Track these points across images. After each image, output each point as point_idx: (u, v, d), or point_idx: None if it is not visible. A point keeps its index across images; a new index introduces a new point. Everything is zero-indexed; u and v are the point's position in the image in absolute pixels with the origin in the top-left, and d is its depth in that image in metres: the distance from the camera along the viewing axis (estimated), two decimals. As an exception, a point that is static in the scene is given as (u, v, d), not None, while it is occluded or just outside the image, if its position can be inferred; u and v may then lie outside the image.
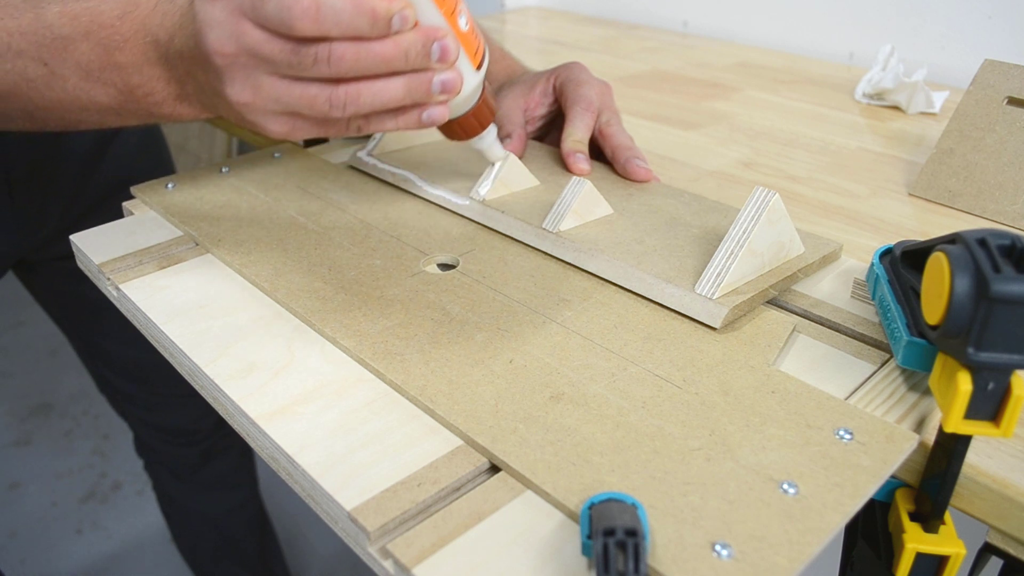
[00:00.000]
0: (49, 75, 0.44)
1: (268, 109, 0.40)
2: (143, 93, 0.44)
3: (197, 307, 0.45)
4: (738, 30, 1.13)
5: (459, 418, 0.35)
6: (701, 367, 0.39)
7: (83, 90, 0.44)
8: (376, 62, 0.38)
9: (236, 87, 0.39)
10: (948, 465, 0.32)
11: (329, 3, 0.36)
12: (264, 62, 0.38)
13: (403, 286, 0.45)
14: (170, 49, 0.42)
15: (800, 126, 0.77)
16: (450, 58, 0.39)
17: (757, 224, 0.42)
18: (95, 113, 0.46)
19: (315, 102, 0.39)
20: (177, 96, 0.44)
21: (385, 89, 0.39)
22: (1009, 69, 0.58)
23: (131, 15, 0.43)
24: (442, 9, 0.40)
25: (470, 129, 0.48)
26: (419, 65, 0.39)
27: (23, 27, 0.43)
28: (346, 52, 0.37)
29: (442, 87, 0.40)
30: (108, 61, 0.43)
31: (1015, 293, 0.28)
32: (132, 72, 0.43)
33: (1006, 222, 0.56)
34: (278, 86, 0.39)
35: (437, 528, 0.30)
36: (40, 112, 0.46)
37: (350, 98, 0.39)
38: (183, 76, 0.42)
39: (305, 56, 0.37)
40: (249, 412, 0.37)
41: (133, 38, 0.42)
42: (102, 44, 0.43)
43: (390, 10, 0.37)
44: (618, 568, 0.26)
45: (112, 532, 1.43)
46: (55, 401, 1.75)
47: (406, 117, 0.41)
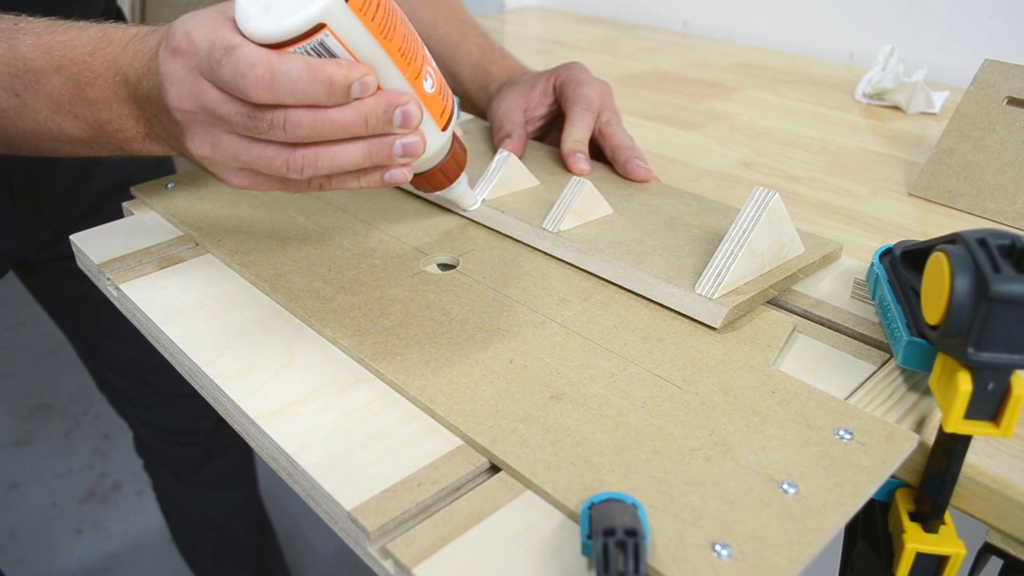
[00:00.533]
0: (21, 106, 0.44)
1: (227, 164, 0.40)
2: (113, 129, 0.44)
3: (197, 307, 0.45)
4: (738, 30, 1.13)
5: (459, 418, 0.35)
6: (701, 367, 0.39)
7: (54, 122, 0.44)
8: (334, 129, 0.37)
9: (196, 142, 0.39)
10: (948, 465, 0.32)
11: (284, 71, 0.35)
12: (222, 121, 0.38)
13: (403, 286, 0.45)
14: (139, 90, 0.41)
15: (800, 126, 0.77)
16: (413, 123, 0.39)
17: (757, 224, 0.42)
18: (67, 144, 0.46)
19: (272, 163, 0.38)
20: (146, 135, 0.44)
21: (344, 153, 0.38)
22: (1009, 69, 0.58)
23: (103, 51, 0.42)
24: (406, 73, 0.39)
25: (436, 183, 0.47)
26: (380, 131, 0.38)
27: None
28: (302, 119, 0.36)
29: (404, 151, 0.39)
30: (79, 96, 0.43)
31: (1015, 293, 0.28)
32: (102, 108, 0.43)
33: (1006, 222, 0.56)
34: (236, 144, 0.38)
35: (437, 528, 0.30)
36: (13, 139, 0.46)
37: (307, 162, 0.38)
38: (151, 117, 0.42)
39: (261, 120, 0.36)
40: (249, 412, 0.37)
41: (104, 75, 0.42)
42: (73, 79, 0.42)
43: (348, 78, 0.36)
44: (618, 568, 0.26)
45: (112, 532, 1.43)
46: (55, 401, 1.75)
47: (368, 177, 0.41)
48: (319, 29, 0.35)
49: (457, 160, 0.47)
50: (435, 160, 0.46)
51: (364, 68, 0.36)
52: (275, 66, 0.35)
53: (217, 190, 0.57)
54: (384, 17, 0.37)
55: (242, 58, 0.35)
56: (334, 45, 0.36)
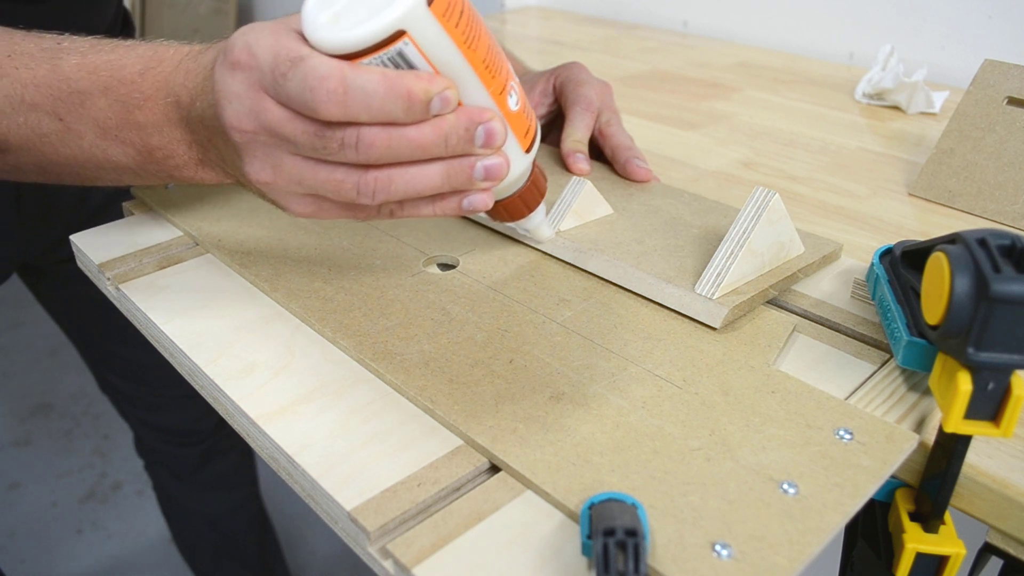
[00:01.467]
0: (64, 131, 0.41)
1: (290, 190, 0.36)
2: (163, 155, 0.41)
3: (197, 307, 0.45)
4: (738, 30, 1.13)
5: (459, 418, 0.35)
6: (701, 367, 0.39)
7: (99, 148, 0.41)
8: (411, 149, 0.34)
9: (256, 165, 0.36)
10: (948, 465, 0.32)
11: (358, 84, 0.32)
12: (286, 142, 0.34)
13: (403, 286, 0.45)
14: (192, 112, 0.38)
15: (800, 126, 0.77)
16: (496, 143, 0.35)
17: (757, 224, 0.42)
18: (112, 172, 0.43)
19: (341, 188, 0.35)
20: (199, 161, 0.41)
21: (421, 176, 0.35)
22: (1009, 69, 0.58)
23: (153, 71, 0.39)
24: (490, 88, 0.35)
25: (515, 212, 0.44)
26: (461, 151, 0.35)
27: (38, 79, 0.40)
28: (377, 138, 0.33)
29: (486, 173, 0.36)
30: (127, 119, 0.40)
31: (1015, 293, 0.28)
32: (152, 132, 0.40)
33: (1006, 222, 0.56)
34: (301, 167, 0.35)
35: (437, 528, 0.30)
36: (54, 168, 0.43)
37: (380, 186, 0.35)
38: (204, 141, 0.39)
39: (330, 140, 0.33)
40: (249, 412, 0.37)
41: (154, 96, 0.39)
42: (121, 101, 0.40)
43: (429, 93, 0.32)
44: (618, 568, 0.26)
45: (112, 532, 1.43)
46: (55, 401, 1.75)
47: (444, 204, 0.37)
48: (398, 37, 0.32)
49: (538, 187, 0.43)
50: (515, 186, 0.42)
51: (445, 81, 0.33)
52: (348, 79, 0.31)
53: (217, 190, 0.57)
54: (468, 24, 0.34)
55: (311, 70, 0.32)
56: (414, 55, 0.33)
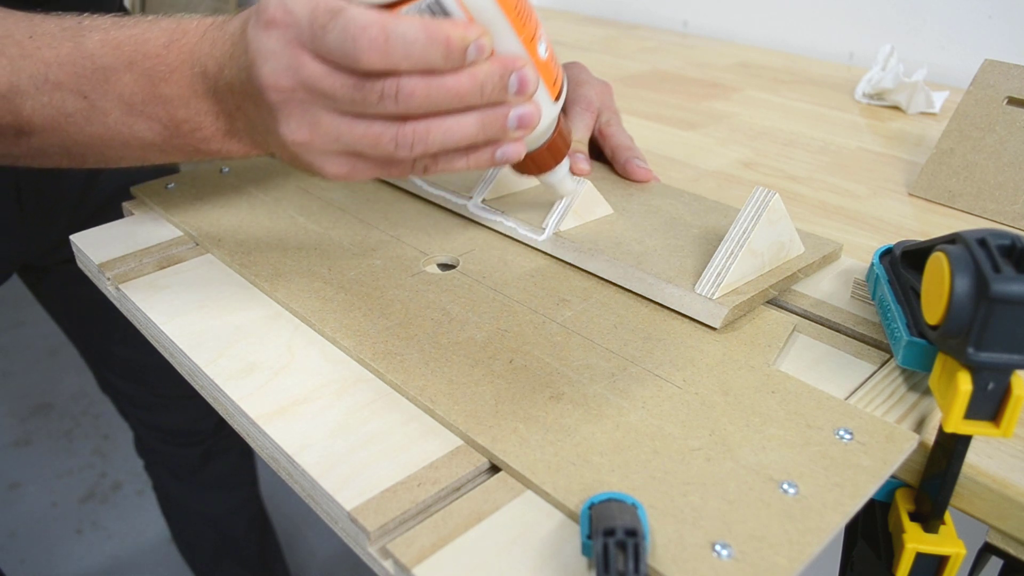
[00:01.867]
0: (89, 108, 0.41)
1: (327, 149, 0.36)
2: (190, 128, 0.40)
3: (197, 307, 0.45)
4: (738, 30, 1.13)
5: (459, 418, 0.35)
6: (701, 367, 0.39)
7: (125, 124, 0.41)
8: (449, 98, 0.34)
9: (292, 125, 0.36)
10: (948, 465, 0.32)
11: (399, 32, 0.32)
12: (323, 98, 0.34)
13: (403, 286, 0.45)
14: (219, 81, 0.38)
15: (800, 126, 0.77)
16: (529, 90, 0.35)
17: (757, 224, 0.42)
18: (137, 149, 0.43)
19: (379, 141, 0.35)
20: (226, 132, 0.41)
21: (457, 126, 0.35)
22: (1009, 69, 0.58)
23: (178, 43, 0.39)
24: (521, 36, 0.36)
25: (543, 164, 0.44)
26: (495, 99, 0.35)
27: (61, 57, 0.40)
28: (416, 88, 0.33)
29: (519, 122, 0.36)
30: (153, 93, 0.40)
31: (1015, 293, 0.28)
32: (178, 105, 0.40)
33: (1006, 222, 0.56)
34: (338, 124, 0.35)
35: (437, 528, 0.30)
36: (78, 148, 0.43)
37: (418, 137, 0.35)
38: (233, 111, 0.39)
39: (370, 92, 0.33)
40: (249, 412, 0.37)
41: (180, 68, 0.39)
42: (146, 75, 0.39)
43: (466, 39, 0.33)
44: (618, 568, 0.26)
45: (112, 532, 1.43)
46: (55, 401, 1.75)
47: (478, 155, 0.37)
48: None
49: (564, 137, 0.44)
50: (544, 137, 0.42)
51: (480, 28, 0.33)
52: (389, 27, 0.32)
53: (217, 190, 0.57)
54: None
55: (351, 20, 0.32)
56: (450, 3, 0.33)
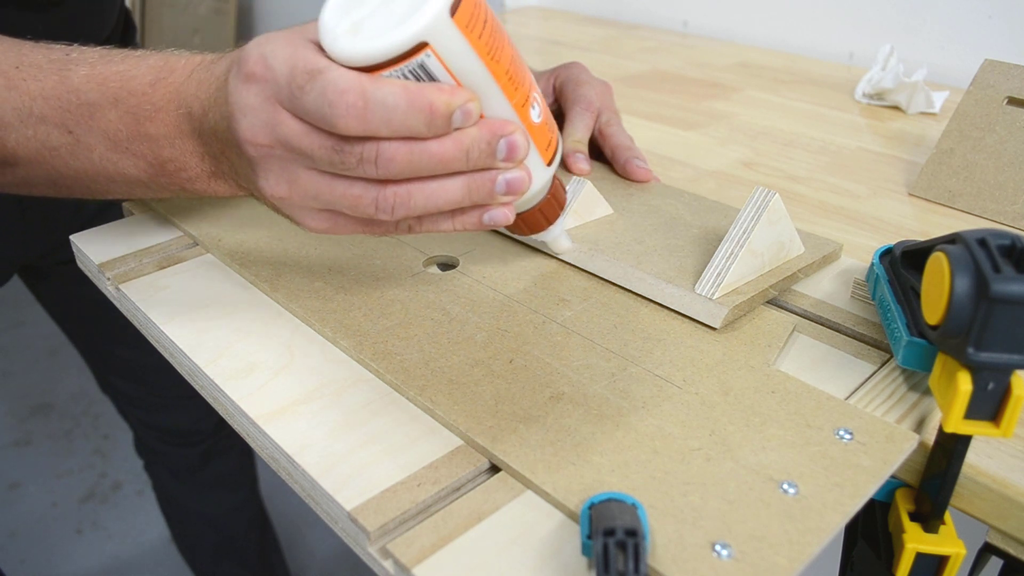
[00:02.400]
0: (74, 143, 0.40)
1: (305, 206, 0.36)
2: (175, 168, 0.40)
3: (197, 307, 0.45)
4: (738, 30, 1.13)
5: (459, 418, 0.35)
6: (701, 367, 0.39)
7: (110, 161, 0.40)
8: (432, 164, 0.33)
9: (271, 180, 0.35)
10: (948, 465, 0.32)
11: (379, 98, 0.31)
12: (302, 156, 0.33)
13: (403, 286, 0.45)
14: (204, 124, 0.37)
15: (800, 126, 0.77)
16: (518, 156, 0.35)
17: (757, 224, 0.42)
18: (123, 184, 0.42)
19: (359, 203, 0.34)
20: (212, 173, 0.40)
21: (441, 191, 0.34)
22: (1009, 69, 0.58)
23: (164, 82, 0.38)
24: (512, 100, 0.34)
25: (535, 225, 0.43)
26: (482, 164, 0.34)
27: (47, 91, 0.39)
28: (397, 153, 0.32)
29: (507, 187, 0.35)
30: (137, 131, 0.39)
31: (1015, 293, 0.28)
32: (163, 144, 0.39)
33: (1006, 222, 0.56)
34: (317, 182, 0.34)
35: (437, 528, 0.30)
36: (64, 181, 0.42)
37: (400, 200, 0.34)
38: (217, 154, 0.38)
39: (348, 155, 0.32)
40: (249, 412, 0.37)
41: (165, 108, 0.38)
42: (132, 113, 0.39)
43: (451, 105, 0.32)
44: (618, 568, 0.26)
45: (112, 532, 1.43)
46: (55, 401, 1.75)
47: (464, 218, 0.36)
48: (420, 49, 0.31)
49: (558, 199, 0.42)
50: (536, 199, 0.41)
51: (467, 93, 0.32)
52: (369, 92, 0.31)
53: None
54: (491, 35, 0.33)
55: (330, 83, 0.31)
56: (435, 67, 0.32)
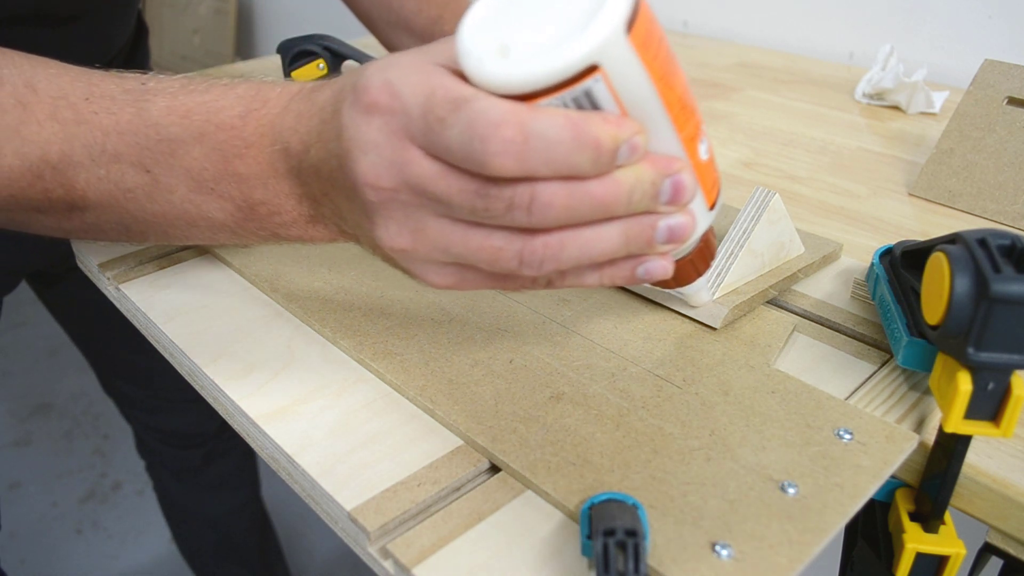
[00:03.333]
0: (152, 184, 0.35)
1: (431, 259, 0.30)
2: (267, 211, 0.35)
3: (197, 307, 0.45)
4: (738, 30, 1.13)
5: (459, 418, 0.35)
6: (701, 367, 0.39)
7: (193, 203, 0.35)
8: (593, 208, 0.28)
9: (391, 229, 0.30)
10: (948, 465, 0.32)
11: (539, 131, 0.26)
12: (433, 202, 0.28)
13: (403, 286, 0.45)
14: (303, 161, 0.32)
15: (800, 126, 0.77)
16: (685, 198, 0.29)
17: (757, 224, 0.42)
18: (205, 230, 0.37)
19: (500, 256, 0.29)
20: (310, 218, 0.35)
21: (597, 240, 0.29)
22: (1009, 69, 0.58)
23: (256, 114, 0.34)
24: (682, 133, 0.29)
25: (682, 278, 0.36)
26: (644, 208, 0.29)
27: (122, 125, 0.35)
28: (555, 197, 0.27)
29: (669, 235, 0.30)
30: (225, 170, 0.34)
31: (1015, 293, 0.28)
32: (255, 185, 0.34)
33: (1006, 222, 0.56)
34: (449, 233, 0.29)
35: (437, 528, 0.30)
36: (138, 226, 0.38)
37: (550, 254, 0.28)
38: (319, 195, 0.33)
39: (495, 201, 0.27)
40: (249, 412, 0.37)
41: (258, 143, 0.34)
42: (219, 149, 0.34)
43: (617, 140, 0.27)
44: (618, 568, 0.26)
45: (112, 532, 1.43)
46: (55, 401, 1.75)
47: (615, 271, 0.31)
48: (589, 73, 0.26)
49: (710, 248, 0.36)
50: (689, 248, 0.35)
51: (634, 125, 0.27)
52: (528, 125, 0.26)
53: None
54: (666, 57, 0.28)
55: (480, 115, 0.26)
56: (603, 94, 0.27)
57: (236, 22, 2.09)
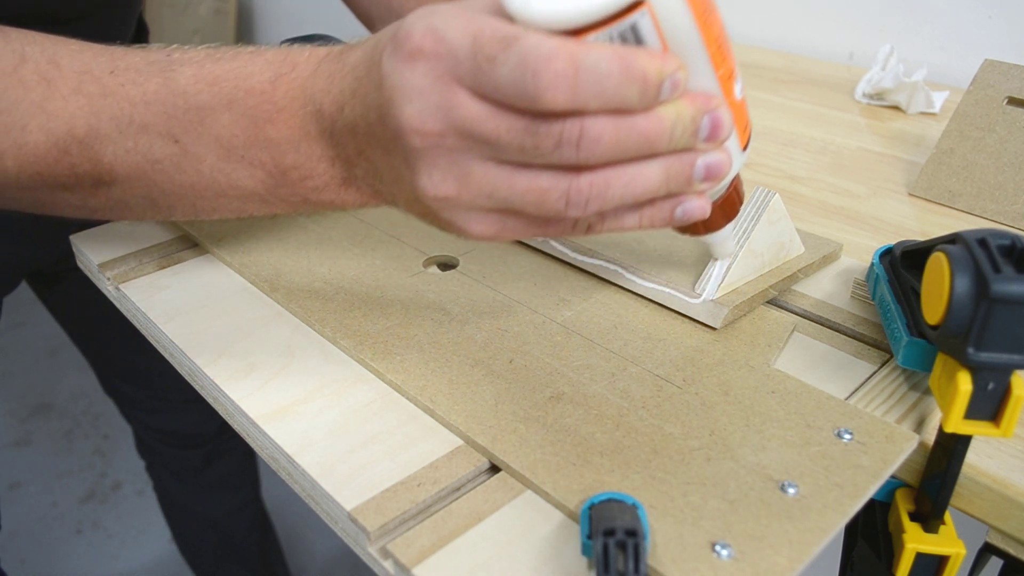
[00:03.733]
0: (180, 154, 0.35)
1: (475, 205, 0.30)
2: (299, 176, 0.34)
3: (197, 307, 0.45)
4: (738, 30, 1.13)
5: (459, 418, 0.35)
6: (701, 367, 0.39)
7: (222, 172, 0.35)
8: (639, 143, 0.28)
9: (435, 177, 0.30)
10: (948, 465, 0.32)
11: (590, 64, 0.26)
12: (481, 145, 0.29)
13: (403, 286, 0.45)
14: (337, 122, 0.32)
15: (800, 126, 0.77)
16: (722, 135, 0.30)
17: (757, 224, 0.42)
18: (235, 200, 0.37)
19: (546, 198, 0.29)
20: (343, 180, 0.34)
21: (639, 178, 0.29)
22: (1009, 69, 0.58)
23: (286, 78, 0.34)
24: (719, 71, 0.30)
25: (712, 223, 0.37)
26: (683, 144, 0.29)
27: (148, 95, 0.34)
28: (604, 131, 0.27)
29: (707, 172, 0.30)
30: (256, 136, 0.34)
31: (1015, 293, 0.28)
32: (286, 150, 0.34)
33: (1006, 222, 0.56)
34: (495, 176, 0.29)
35: (437, 528, 0.30)
36: (166, 199, 0.37)
37: (596, 192, 0.29)
38: (353, 156, 0.33)
39: (544, 137, 0.27)
40: (249, 412, 0.37)
41: (289, 107, 0.33)
42: (249, 115, 0.34)
43: (662, 74, 0.27)
44: (618, 568, 0.26)
45: (112, 532, 1.43)
46: (55, 401, 1.75)
47: (654, 211, 0.31)
48: (636, 7, 0.27)
49: (739, 193, 0.37)
50: (719, 192, 0.36)
51: (677, 60, 0.28)
52: (579, 57, 0.26)
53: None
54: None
55: (531, 50, 0.26)
56: (648, 29, 0.28)
57: (236, 22, 2.09)
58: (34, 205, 0.38)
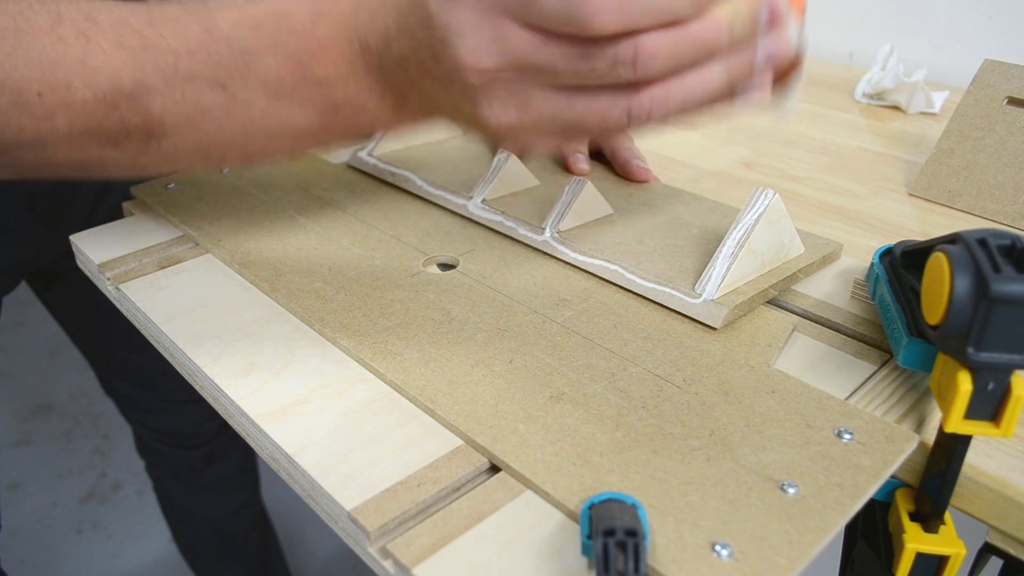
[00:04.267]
0: (229, 100, 0.35)
1: (539, 129, 0.31)
2: (351, 110, 0.35)
3: (197, 307, 0.45)
4: (738, 30, 1.13)
5: (459, 418, 0.35)
6: (701, 367, 0.39)
7: (272, 115, 0.35)
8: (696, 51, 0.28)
9: (496, 108, 0.30)
10: (948, 465, 0.32)
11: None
12: (538, 73, 0.29)
13: (403, 286, 0.45)
14: (385, 57, 0.32)
15: (800, 126, 0.77)
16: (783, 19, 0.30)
17: (757, 224, 0.42)
18: (288, 139, 0.37)
19: (608, 116, 0.29)
20: (396, 107, 0.35)
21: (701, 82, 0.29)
22: (1009, 69, 0.58)
23: (327, 16, 0.33)
24: None
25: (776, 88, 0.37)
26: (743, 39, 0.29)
27: (191, 44, 0.34)
28: (659, 47, 0.27)
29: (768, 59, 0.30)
30: (303, 76, 0.34)
31: (1015, 293, 0.28)
32: (336, 86, 0.34)
33: (1006, 222, 0.56)
34: (554, 102, 0.29)
35: (437, 528, 0.30)
36: (217, 147, 0.37)
37: (656, 104, 0.29)
38: (405, 88, 0.33)
39: (598, 60, 0.27)
40: (249, 412, 0.37)
41: (334, 44, 0.33)
42: (294, 56, 0.34)
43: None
44: (618, 568, 0.26)
45: (112, 532, 1.43)
46: (55, 401, 1.75)
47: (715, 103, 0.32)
48: None
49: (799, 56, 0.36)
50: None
51: None
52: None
53: (217, 190, 0.57)
54: None
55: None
56: None
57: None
58: (82, 167, 0.38)
